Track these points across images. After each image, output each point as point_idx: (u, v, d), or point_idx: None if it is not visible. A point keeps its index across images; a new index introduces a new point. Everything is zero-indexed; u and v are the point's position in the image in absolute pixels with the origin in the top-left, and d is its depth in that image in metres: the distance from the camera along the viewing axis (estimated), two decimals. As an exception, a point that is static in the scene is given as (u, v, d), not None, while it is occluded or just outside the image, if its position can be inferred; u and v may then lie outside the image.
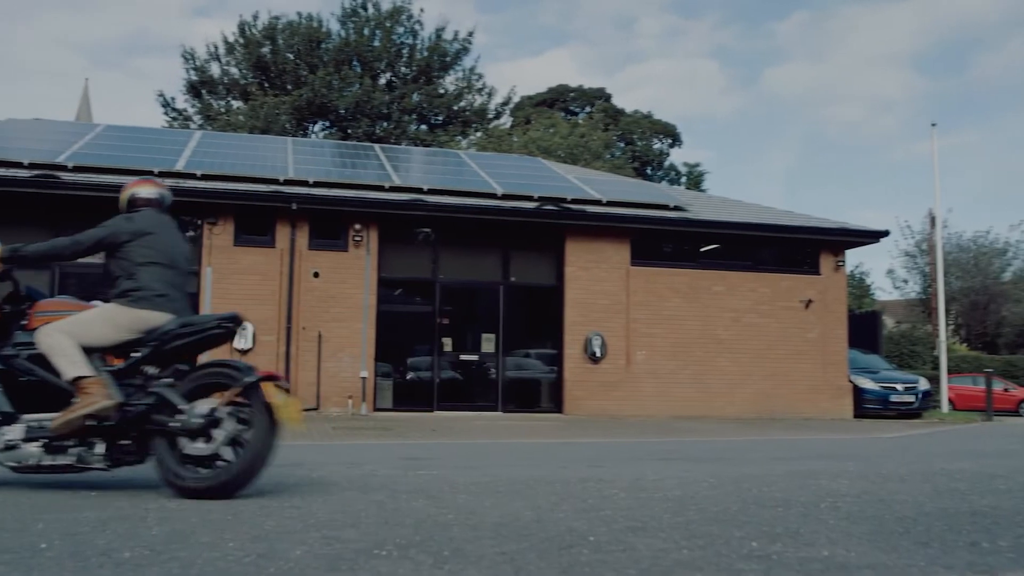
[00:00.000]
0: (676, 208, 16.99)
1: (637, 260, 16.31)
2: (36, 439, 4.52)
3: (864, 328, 20.59)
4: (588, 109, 45.37)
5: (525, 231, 16.08)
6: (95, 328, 4.60)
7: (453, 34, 37.56)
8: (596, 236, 16.11)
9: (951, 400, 20.95)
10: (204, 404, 4.43)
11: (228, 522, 3.64)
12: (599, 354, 15.74)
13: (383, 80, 36.41)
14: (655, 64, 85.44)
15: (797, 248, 17.39)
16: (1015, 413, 25.34)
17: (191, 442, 4.39)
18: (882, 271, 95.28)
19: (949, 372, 20.87)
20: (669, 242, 16.91)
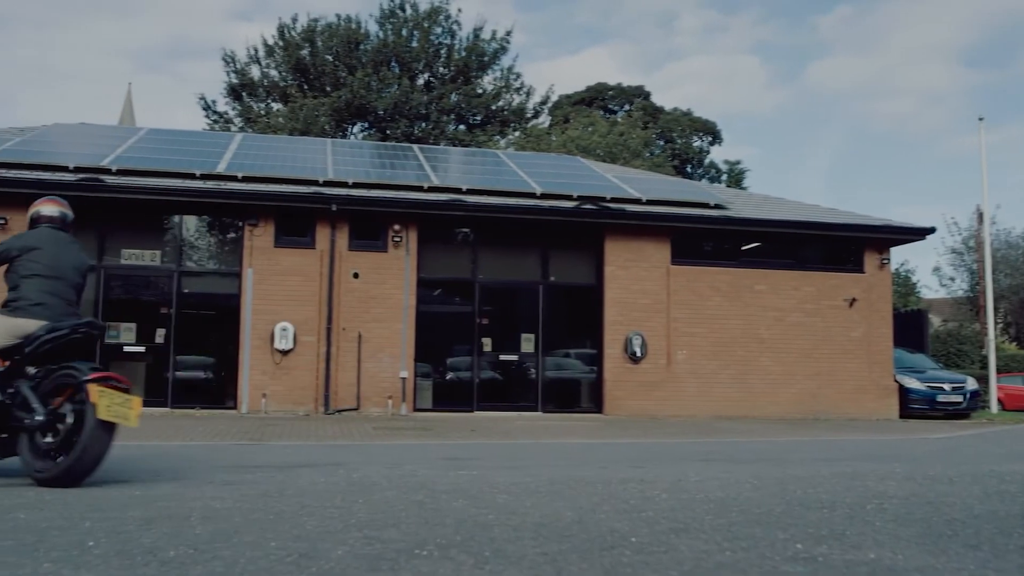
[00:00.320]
0: (717, 206, 16.84)
1: (678, 259, 16.20)
2: None
3: (910, 327, 20.27)
4: (627, 107, 45.11)
5: (564, 230, 16.06)
6: None
7: (491, 34, 37.61)
8: (636, 235, 16.03)
9: (1000, 400, 20.55)
10: (63, 402, 4.87)
11: (270, 522, 3.68)
12: (639, 354, 15.66)
13: (421, 80, 36.56)
14: (695, 61, 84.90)
15: (841, 246, 17.15)
16: (1067, 413, 24.76)
17: (42, 436, 4.87)
18: (928, 269, 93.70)
19: (998, 371, 20.45)
20: (710, 241, 16.78)
